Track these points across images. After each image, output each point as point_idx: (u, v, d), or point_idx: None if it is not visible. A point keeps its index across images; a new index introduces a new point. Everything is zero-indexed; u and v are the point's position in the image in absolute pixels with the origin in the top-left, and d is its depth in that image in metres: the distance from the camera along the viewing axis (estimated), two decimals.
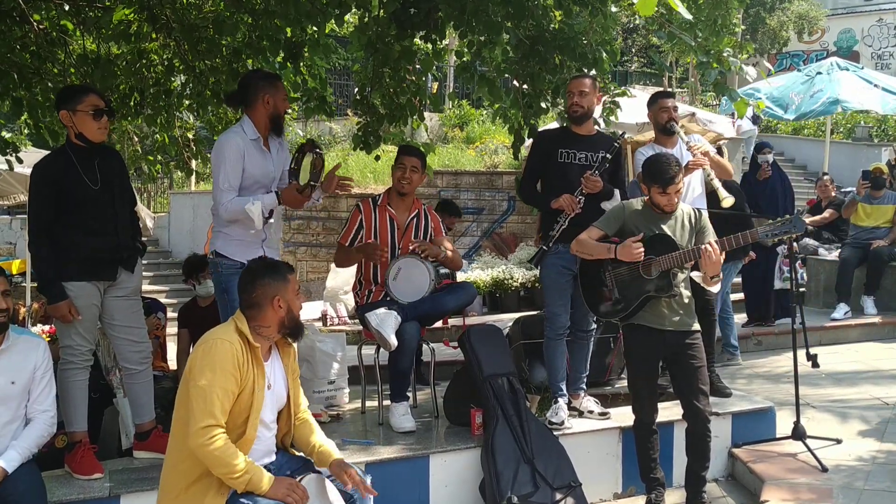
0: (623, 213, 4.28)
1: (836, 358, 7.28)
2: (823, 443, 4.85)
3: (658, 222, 4.20)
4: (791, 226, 4.04)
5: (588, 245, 4.25)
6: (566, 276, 4.74)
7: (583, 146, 4.79)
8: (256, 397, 3.17)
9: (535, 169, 4.96)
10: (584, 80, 4.86)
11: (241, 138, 4.24)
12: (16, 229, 16.60)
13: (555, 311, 4.80)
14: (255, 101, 4.27)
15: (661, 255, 4.09)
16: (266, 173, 4.33)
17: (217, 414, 3.02)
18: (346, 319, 10.91)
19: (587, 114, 4.81)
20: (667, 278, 4.11)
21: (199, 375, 3.05)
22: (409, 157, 4.94)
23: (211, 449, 2.98)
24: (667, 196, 4.14)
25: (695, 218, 4.27)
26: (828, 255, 9.67)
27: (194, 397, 3.03)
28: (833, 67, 12.27)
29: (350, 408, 5.57)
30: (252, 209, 4.14)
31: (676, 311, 4.19)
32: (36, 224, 3.91)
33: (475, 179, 14.37)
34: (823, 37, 27.62)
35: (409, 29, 6.00)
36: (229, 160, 4.18)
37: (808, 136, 20.12)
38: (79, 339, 3.97)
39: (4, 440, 3.45)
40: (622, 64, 25.09)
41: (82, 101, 3.95)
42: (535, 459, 4.36)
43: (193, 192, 16.44)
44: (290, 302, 3.27)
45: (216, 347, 3.11)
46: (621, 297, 4.19)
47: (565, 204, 4.65)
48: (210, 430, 2.99)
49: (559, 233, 4.68)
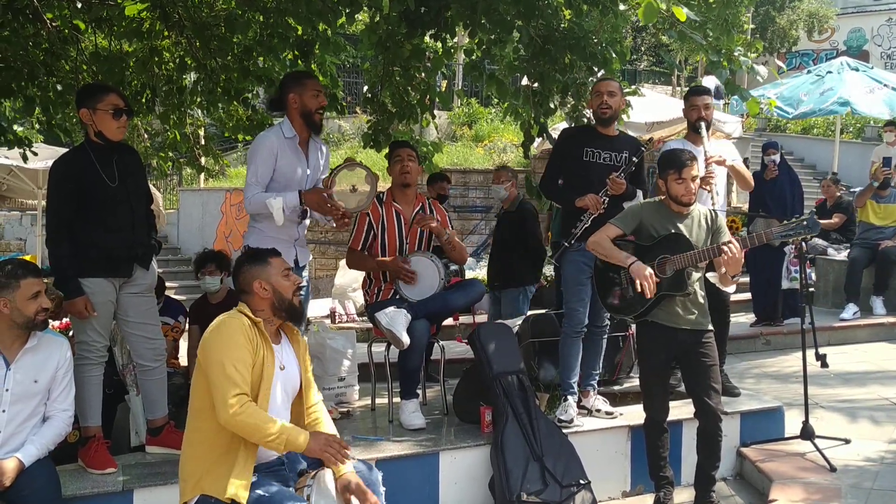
0: (640, 212, 4.28)
1: (845, 358, 7.28)
2: (832, 443, 4.86)
3: (675, 221, 4.20)
4: (806, 227, 4.03)
5: (605, 247, 4.22)
6: (587, 273, 4.77)
7: (607, 146, 4.82)
8: (266, 371, 3.22)
9: (558, 166, 4.99)
10: (612, 82, 4.90)
11: (277, 137, 4.35)
12: (26, 225, 16.71)
13: (574, 307, 4.81)
14: (286, 101, 4.38)
15: (676, 254, 4.10)
16: (298, 173, 4.38)
17: (240, 382, 3.08)
18: (354, 317, 10.93)
19: (614, 115, 4.85)
20: (681, 277, 4.11)
21: (215, 353, 3.12)
22: (402, 149, 5.02)
23: (243, 417, 3.04)
24: (683, 183, 4.11)
25: (711, 219, 4.26)
26: (836, 255, 9.67)
27: (215, 374, 3.08)
28: (843, 67, 12.26)
29: (360, 405, 5.60)
30: (273, 203, 4.21)
31: (691, 311, 4.19)
32: (55, 220, 3.95)
33: (483, 178, 14.37)
34: (833, 36, 27.50)
35: (419, 28, 6.01)
36: (260, 156, 4.30)
37: (817, 136, 20.05)
38: (94, 334, 4.01)
39: (22, 436, 3.51)
40: (631, 63, 25.04)
41: (103, 100, 3.99)
42: (545, 457, 4.38)
43: (202, 190, 16.49)
44: (274, 284, 3.33)
45: (225, 324, 3.20)
46: (635, 294, 4.18)
47: (590, 203, 4.67)
48: (239, 399, 3.05)
49: (581, 231, 4.72)
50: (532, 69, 6.12)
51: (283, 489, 3.18)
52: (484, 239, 13.93)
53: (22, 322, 3.50)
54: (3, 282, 3.49)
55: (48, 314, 3.61)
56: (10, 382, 3.48)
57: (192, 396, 3.24)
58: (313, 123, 4.40)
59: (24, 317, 3.50)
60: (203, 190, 16.48)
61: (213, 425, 3.15)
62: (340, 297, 11.10)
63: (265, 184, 4.31)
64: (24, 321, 3.51)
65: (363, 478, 3.35)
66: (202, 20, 6.38)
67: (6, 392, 3.47)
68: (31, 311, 3.50)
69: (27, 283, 3.51)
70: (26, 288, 3.50)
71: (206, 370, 3.14)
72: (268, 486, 3.15)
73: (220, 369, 3.08)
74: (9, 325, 3.51)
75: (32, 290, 3.52)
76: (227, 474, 3.10)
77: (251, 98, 7.41)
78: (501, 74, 6.45)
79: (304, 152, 4.45)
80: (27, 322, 3.51)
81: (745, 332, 8.34)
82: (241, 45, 6.60)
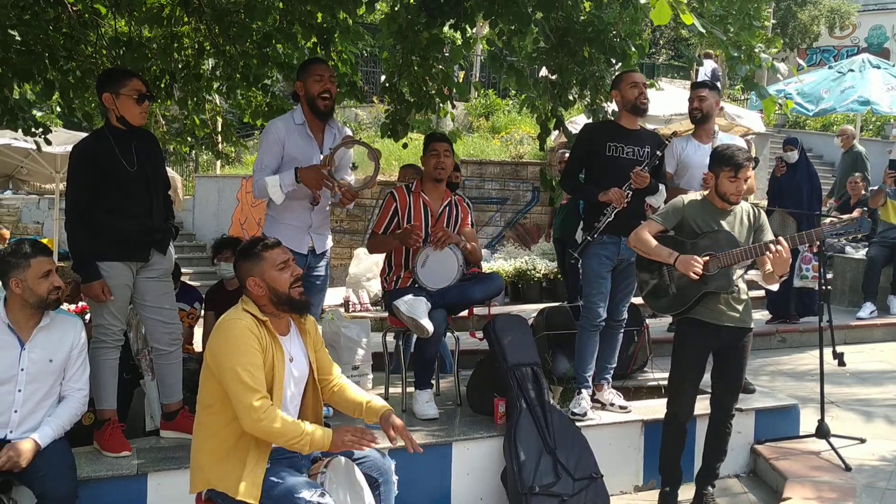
0: (682, 208, 4.20)
1: (862, 357, 7.24)
2: (847, 442, 4.83)
3: (718, 217, 4.13)
4: (857, 226, 3.98)
5: (647, 244, 4.14)
6: (607, 267, 4.77)
7: (630, 140, 4.80)
8: (277, 369, 3.21)
9: (580, 160, 4.96)
10: (640, 74, 4.91)
11: (285, 123, 4.42)
12: (44, 209, 16.81)
13: (593, 300, 4.80)
14: (297, 89, 4.45)
15: (720, 251, 4.03)
16: (308, 158, 4.39)
17: (257, 387, 3.07)
18: (368, 306, 10.95)
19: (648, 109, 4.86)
20: (726, 275, 4.05)
21: (226, 360, 3.09)
22: (439, 143, 4.95)
23: (266, 423, 3.03)
24: (736, 182, 4.04)
25: (753, 216, 4.19)
26: (855, 253, 9.59)
27: (230, 381, 3.06)
28: (865, 65, 12.17)
29: (373, 394, 5.59)
30: (268, 181, 4.27)
31: (735, 308, 4.13)
32: (73, 204, 3.96)
33: (500, 169, 14.35)
34: (854, 32, 27.24)
35: (438, 17, 5.99)
36: (265, 144, 4.39)
37: (837, 133, 19.85)
38: (111, 318, 4.03)
39: (39, 416, 3.54)
40: (649, 56, 24.88)
41: (126, 84, 4.00)
42: (558, 450, 4.37)
43: (219, 176, 16.54)
44: (268, 279, 3.25)
45: (231, 328, 3.16)
46: (679, 291, 4.15)
47: (614, 197, 4.66)
48: (263, 404, 3.04)
49: (605, 225, 4.71)
50: (551, 61, 6.10)
51: (297, 476, 3.18)
52: (499, 231, 13.93)
53: (34, 301, 3.52)
54: (13, 262, 3.51)
55: (60, 293, 3.62)
56: (25, 362, 3.51)
57: (200, 391, 3.25)
58: (317, 109, 4.41)
59: (37, 296, 3.51)
60: (219, 177, 16.52)
61: (220, 421, 3.16)
62: (355, 286, 11.13)
63: (271, 171, 4.35)
64: (37, 300, 3.52)
65: (376, 466, 3.37)
66: (222, 6, 6.39)
67: (21, 371, 3.50)
68: (42, 290, 3.52)
69: (37, 262, 3.52)
70: (37, 267, 3.51)
71: (219, 377, 3.12)
72: (281, 474, 3.15)
73: (235, 377, 3.05)
74: (21, 304, 3.53)
75: (43, 269, 3.53)
76: (237, 474, 3.09)
77: (270, 84, 7.41)
78: (521, 66, 6.41)
79: (318, 138, 4.46)
80: (39, 301, 3.53)
81: (761, 330, 8.28)
82: (261, 32, 6.60)
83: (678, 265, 4.02)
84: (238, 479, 3.09)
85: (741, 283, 4.17)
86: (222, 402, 3.14)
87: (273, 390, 3.19)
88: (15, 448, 3.35)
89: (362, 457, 3.36)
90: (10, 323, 3.52)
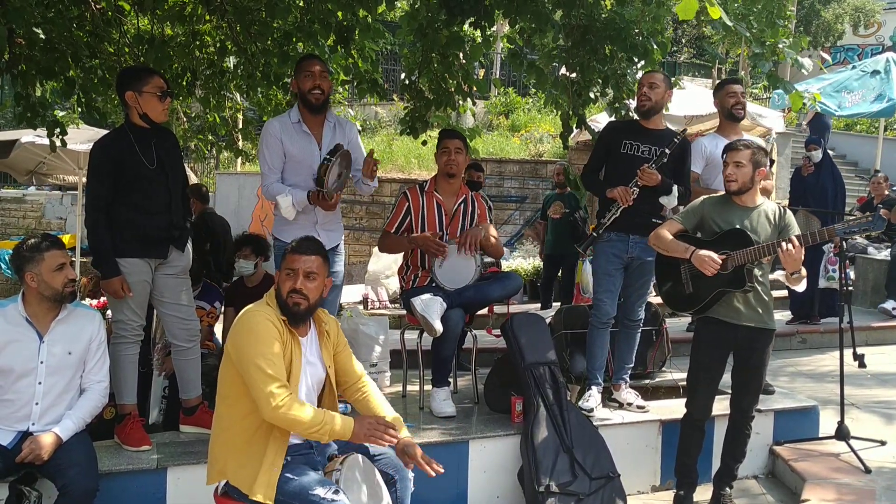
0: (702, 208, 4.20)
1: (883, 359, 7.18)
2: (867, 444, 4.79)
3: (738, 216, 4.10)
4: (871, 224, 3.93)
5: (666, 242, 4.15)
6: (615, 265, 4.75)
7: (648, 139, 4.77)
8: (294, 366, 3.23)
9: (599, 157, 4.97)
10: (657, 74, 4.85)
11: (281, 122, 4.50)
12: (66, 205, 16.97)
13: (601, 297, 4.79)
14: (292, 87, 4.60)
15: (736, 249, 4.01)
16: (307, 155, 4.45)
17: (277, 376, 3.08)
18: (386, 303, 10.98)
19: (655, 107, 4.78)
20: (741, 273, 4.02)
21: (247, 349, 3.12)
22: (451, 140, 4.95)
23: (285, 409, 3.03)
24: (727, 166, 4.08)
25: (778, 215, 4.13)
26: (877, 253, 9.51)
27: (251, 372, 3.08)
28: (890, 65, 12.03)
29: (391, 391, 5.62)
30: (281, 200, 4.35)
31: (753, 308, 4.10)
32: (94, 201, 3.99)
33: (519, 168, 14.34)
34: (879, 31, 26.97)
35: (458, 15, 6.00)
36: (266, 144, 4.46)
37: (860, 133, 19.70)
38: (130, 313, 4.06)
39: (60, 409, 3.58)
40: (671, 54, 24.77)
41: (149, 82, 4.04)
42: (575, 449, 4.37)
43: (239, 174, 16.63)
44: (279, 281, 3.31)
45: (253, 320, 3.19)
46: (695, 290, 4.13)
47: (619, 195, 4.65)
48: (282, 391, 3.05)
49: (610, 221, 4.70)
50: (572, 59, 6.08)
51: (312, 473, 3.18)
52: (518, 229, 13.91)
53: (50, 294, 3.56)
54: (27, 256, 3.55)
55: (76, 286, 3.66)
56: (44, 354, 3.55)
57: (220, 383, 3.27)
58: (308, 104, 4.45)
59: (52, 289, 3.55)
60: (240, 174, 16.61)
61: (236, 413, 3.18)
62: (373, 283, 11.17)
63: (279, 169, 4.45)
64: (52, 293, 3.56)
65: (393, 463, 3.38)
66: (243, 4, 6.42)
67: (41, 364, 3.54)
68: (57, 283, 3.55)
69: (51, 256, 3.56)
70: (51, 260, 3.55)
71: (239, 366, 3.14)
72: (296, 470, 3.16)
73: (255, 365, 3.07)
74: (38, 298, 3.57)
75: (57, 262, 3.56)
76: (253, 472, 3.11)
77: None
78: (542, 63, 6.40)
79: (317, 134, 4.50)
80: (55, 294, 3.56)
81: (781, 330, 8.20)
82: (282, 30, 6.63)
83: (694, 260, 4.01)
84: (253, 476, 3.10)
85: (764, 282, 4.14)
86: (238, 395, 3.16)
87: (290, 384, 3.20)
88: (37, 441, 3.39)
89: (379, 454, 3.38)
90: (28, 317, 3.56)
